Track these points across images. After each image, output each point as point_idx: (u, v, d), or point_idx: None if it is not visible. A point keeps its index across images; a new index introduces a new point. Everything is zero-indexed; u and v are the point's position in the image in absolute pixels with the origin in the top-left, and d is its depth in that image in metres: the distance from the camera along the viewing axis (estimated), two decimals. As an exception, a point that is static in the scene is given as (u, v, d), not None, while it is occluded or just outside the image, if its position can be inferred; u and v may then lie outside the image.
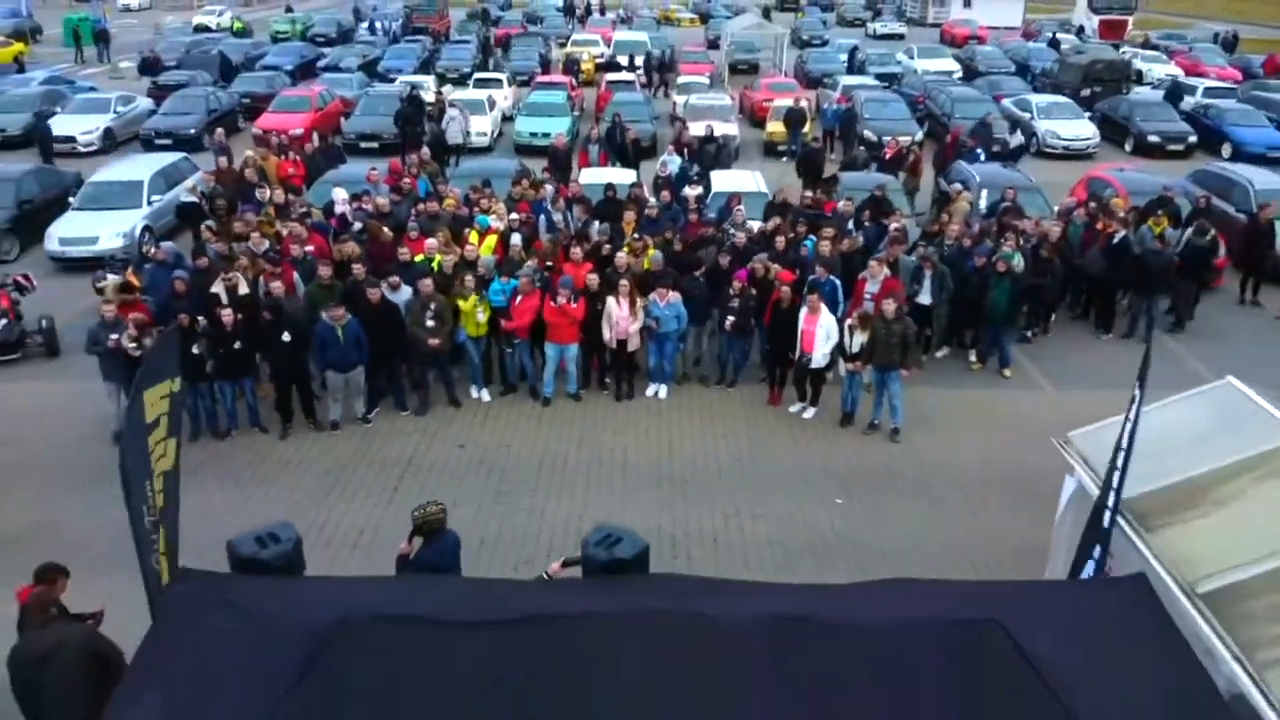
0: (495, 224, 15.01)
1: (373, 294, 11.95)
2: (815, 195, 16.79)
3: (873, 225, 15.71)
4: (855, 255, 13.89)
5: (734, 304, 12.59)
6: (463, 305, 12.44)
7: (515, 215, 15.06)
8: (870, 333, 11.67)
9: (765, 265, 12.87)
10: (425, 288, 11.96)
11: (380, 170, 18.18)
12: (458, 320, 12.49)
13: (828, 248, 13.51)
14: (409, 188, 17.01)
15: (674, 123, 27.55)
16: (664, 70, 36.95)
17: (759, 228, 14.67)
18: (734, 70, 40.73)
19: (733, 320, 12.68)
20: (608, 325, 12.57)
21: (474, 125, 26.18)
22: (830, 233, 13.82)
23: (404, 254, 13.34)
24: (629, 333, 12.61)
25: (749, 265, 12.92)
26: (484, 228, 14.91)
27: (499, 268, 13.08)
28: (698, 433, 12.50)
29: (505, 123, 29.48)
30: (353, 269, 12.60)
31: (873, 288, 12.70)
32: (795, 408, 12.91)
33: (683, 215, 15.90)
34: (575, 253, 13.45)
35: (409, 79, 32.38)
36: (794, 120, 25.69)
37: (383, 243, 13.94)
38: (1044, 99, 29.42)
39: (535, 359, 13.20)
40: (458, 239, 14.39)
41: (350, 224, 15.01)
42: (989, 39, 52.96)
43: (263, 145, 21.22)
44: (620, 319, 12.46)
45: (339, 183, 17.63)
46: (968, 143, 22.09)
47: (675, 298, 12.61)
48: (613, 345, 12.84)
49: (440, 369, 12.76)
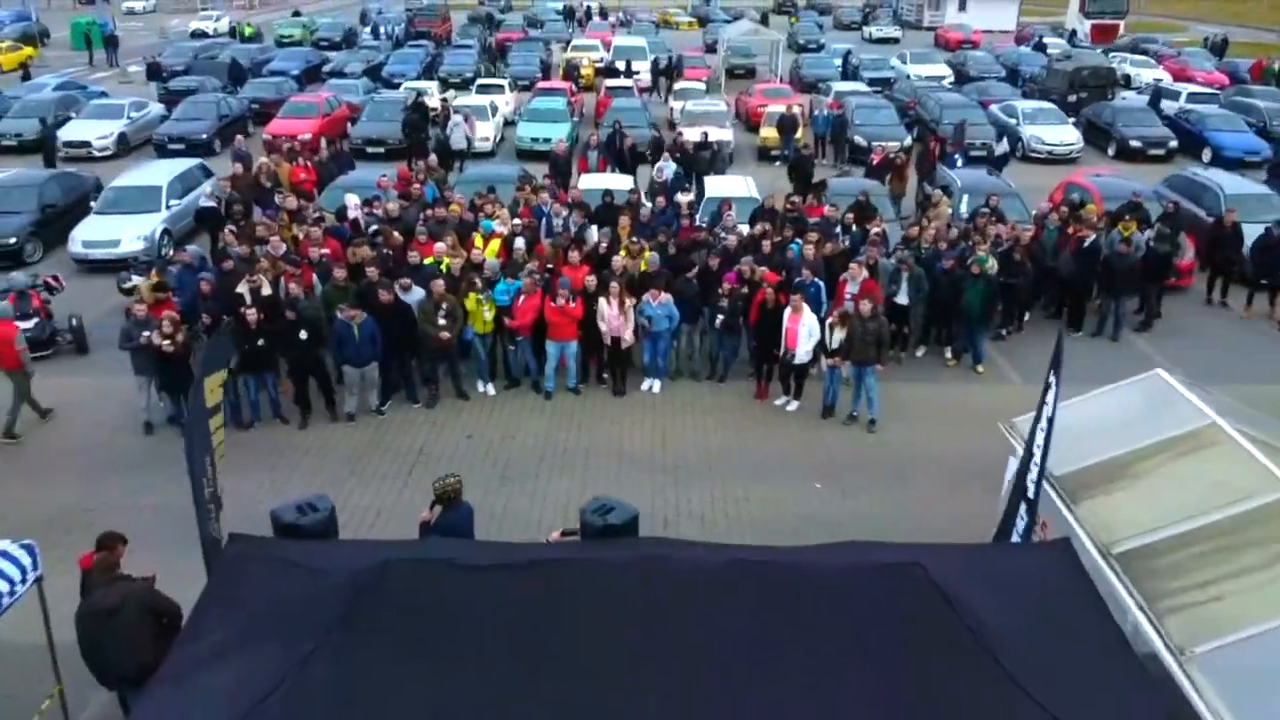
0: (499, 228, 15.87)
1: (385, 295, 12.83)
2: (799, 201, 17.61)
3: (859, 230, 16.59)
4: (839, 258, 14.76)
5: (723, 304, 13.47)
6: (469, 305, 13.34)
7: (518, 220, 15.95)
8: (848, 330, 12.55)
9: (751, 267, 13.75)
10: (438, 289, 12.86)
11: (390, 176, 19.04)
12: (465, 319, 13.39)
13: (812, 251, 14.40)
14: (417, 193, 17.88)
15: (671, 128, 28.50)
16: (669, 75, 37.79)
17: (747, 232, 15.52)
18: (731, 75, 41.57)
19: (722, 319, 13.57)
20: (602, 324, 13.45)
21: (477, 131, 26.98)
22: (814, 237, 14.71)
23: (413, 257, 14.25)
24: (621, 331, 13.49)
25: (736, 267, 13.79)
26: (488, 232, 15.79)
27: (504, 270, 13.96)
28: (689, 424, 13.40)
29: (507, 127, 30.37)
30: (366, 271, 13.49)
31: (853, 288, 13.55)
32: (780, 401, 13.80)
33: (676, 220, 16.77)
34: (573, 256, 14.34)
35: (413, 85, 33.24)
36: (786, 126, 26.53)
37: (394, 246, 14.83)
38: (1030, 105, 30.26)
39: (537, 355, 14.04)
40: (464, 242, 15.27)
41: (363, 228, 15.87)
42: (982, 43, 53.76)
43: (274, 151, 22.09)
44: (611, 318, 13.33)
45: (350, 188, 18.50)
46: (948, 149, 22.98)
47: (666, 298, 13.49)
48: (608, 343, 13.71)
49: (449, 364, 13.66)
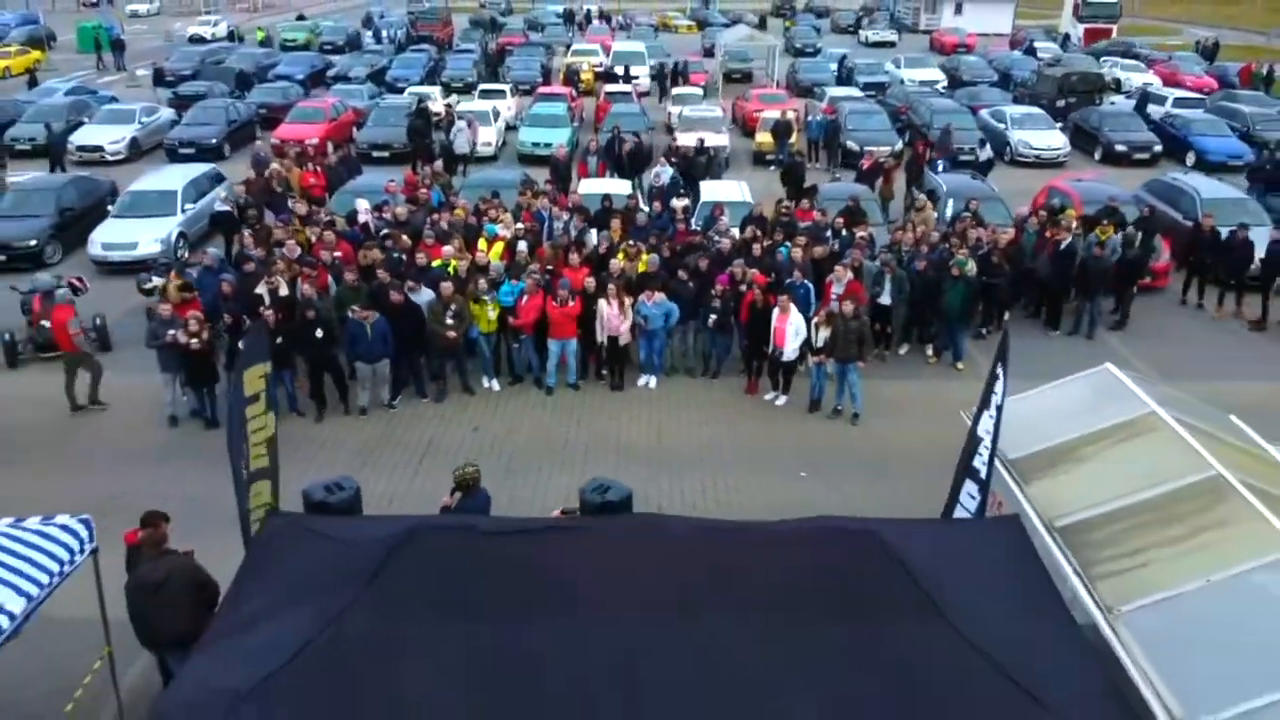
0: (502, 232, 16.64)
1: (396, 296, 13.60)
2: (787, 206, 18.32)
3: (848, 233, 17.34)
4: (826, 261, 15.52)
5: (716, 304, 14.25)
6: (474, 306, 14.11)
7: (520, 224, 16.73)
8: (832, 329, 13.32)
9: (743, 270, 14.52)
10: (446, 290, 13.63)
11: (397, 182, 19.80)
12: (471, 318, 14.16)
13: (800, 254, 15.17)
14: (424, 198, 18.65)
15: (669, 132, 29.28)
16: (675, 80, 38.61)
17: (738, 236, 16.27)
18: (728, 79, 42.38)
19: (714, 319, 14.35)
20: (600, 323, 14.22)
21: (480, 136, 27.74)
22: (802, 240, 15.48)
23: (421, 259, 15.03)
24: (620, 330, 14.26)
25: (729, 270, 14.56)
26: (491, 235, 16.56)
27: (508, 272, 14.73)
28: (683, 417, 14.18)
29: (509, 132, 31.13)
30: (378, 273, 14.26)
31: (839, 289, 14.30)
32: (769, 396, 14.57)
33: (672, 224, 17.54)
34: (573, 258, 15.12)
35: (417, 90, 34.00)
36: (781, 131, 27.31)
37: (404, 249, 15.59)
38: (1018, 110, 31.00)
39: (539, 353, 14.79)
40: (469, 246, 16.04)
41: (373, 232, 16.64)
42: (977, 46, 54.51)
43: (282, 156, 22.83)
44: (611, 317, 14.10)
45: (359, 193, 19.28)
46: (932, 154, 23.76)
47: (661, 298, 14.26)
48: (604, 341, 14.47)
49: (456, 361, 14.44)
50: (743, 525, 6.53)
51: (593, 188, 20.68)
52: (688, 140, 25.63)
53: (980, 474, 7.55)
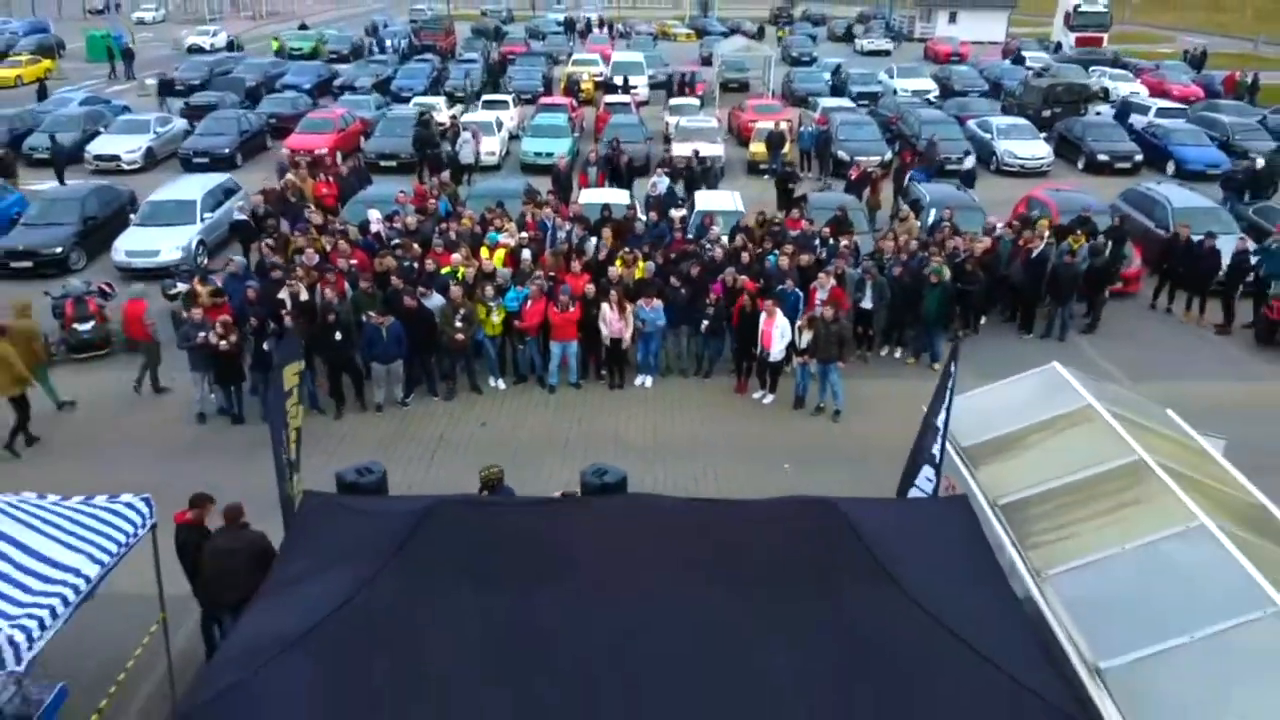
0: (505, 239, 17.65)
1: (409, 301, 14.62)
2: (768, 216, 19.25)
3: (835, 242, 18.32)
4: (813, 268, 16.51)
5: (709, 310, 15.26)
6: (481, 310, 15.12)
7: (524, 233, 17.74)
8: (814, 332, 14.33)
9: (734, 277, 15.52)
10: (456, 295, 14.64)
11: (407, 192, 20.82)
12: (479, 321, 15.16)
13: (787, 262, 16.18)
14: (433, 208, 19.67)
15: (666, 142, 30.29)
16: (681, 90, 39.59)
17: (728, 245, 17.23)
18: (725, 88, 43.44)
19: (707, 323, 15.37)
20: (604, 326, 15.23)
21: (483, 146, 28.69)
22: (789, 249, 16.50)
23: (431, 266, 16.05)
24: (621, 333, 15.26)
25: (721, 278, 15.56)
26: (493, 243, 17.55)
27: (513, 278, 15.73)
28: (677, 414, 15.19)
29: (511, 141, 32.15)
30: (391, 280, 15.27)
31: (823, 295, 15.32)
32: (758, 394, 15.58)
33: (669, 233, 18.54)
34: (574, 265, 16.13)
35: (422, 100, 35.02)
36: (774, 142, 28.30)
37: (415, 257, 16.59)
38: (1004, 121, 32.01)
39: (543, 354, 15.76)
40: (475, 253, 17.03)
41: (386, 241, 17.64)
42: (970, 55, 55.56)
43: (296, 167, 23.85)
44: (613, 321, 15.11)
45: (370, 203, 20.30)
46: (912, 164, 24.88)
47: (658, 303, 15.27)
48: (607, 343, 15.48)
49: (464, 362, 15.45)
50: (722, 502, 7.55)
51: (593, 197, 21.66)
52: (683, 150, 26.62)
53: (935, 459, 8.55)
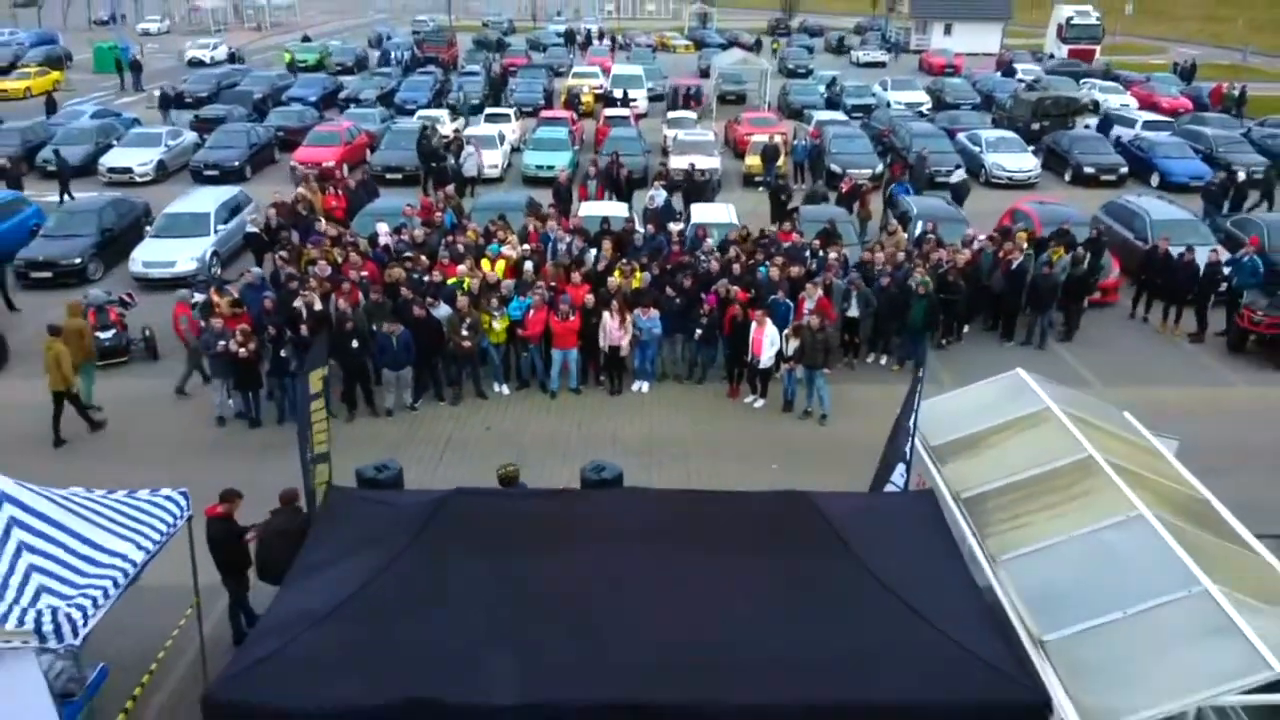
0: (506, 251, 18.44)
1: (418, 311, 15.42)
2: (748, 232, 20.01)
3: (825, 254, 19.09)
4: (802, 279, 17.30)
5: (703, 319, 16.07)
6: (486, 319, 15.93)
7: (526, 245, 18.56)
8: (801, 340, 15.13)
9: (726, 288, 16.33)
10: (463, 305, 15.45)
11: (414, 205, 21.64)
12: (484, 330, 15.97)
13: (776, 273, 16.99)
14: (439, 221, 20.49)
15: (665, 154, 31.12)
16: (686, 103, 40.39)
17: (722, 257, 18.00)
18: (723, 100, 44.32)
19: (701, 332, 16.18)
20: (604, 334, 16.03)
21: (486, 159, 29.54)
22: (779, 261, 17.31)
23: (437, 277, 16.86)
24: (620, 340, 16.07)
25: (714, 289, 16.36)
26: (494, 255, 18.35)
27: (516, 289, 16.54)
28: (672, 418, 15.99)
29: (513, 154, 32.97)
30: (401, 290, 16.08)
31: (810, 305, 16.11)
32: (749, 399, 16.39)
33: (666, 245, 19.34)
34: (575, 276, 16.94)
35: (426, 114, 35.86)
36: (769, 155, 29.14)
37: (422, 268, 17.40)
38: (992, 134, 32.81)
39: (544, 361, 16.54)
40: (480, 264, 17.84)
41: (395, 252, 18.44)
42: (964, 67, 56.43)
43: (305, 180, 24.67)
44: (613, 330, 15.92)
45: (379, 215, 21.12)
46: (897, 178, 25.79)
47: (654, 312, 16.08)
48: (606, 350, 16.28)
49: (470, 368, 16.25)
50: (706, 492, 8.38)
51: (592, 210, 22.48)
52: (681, 163, 27.44)
53: (906, 457, 9.36)
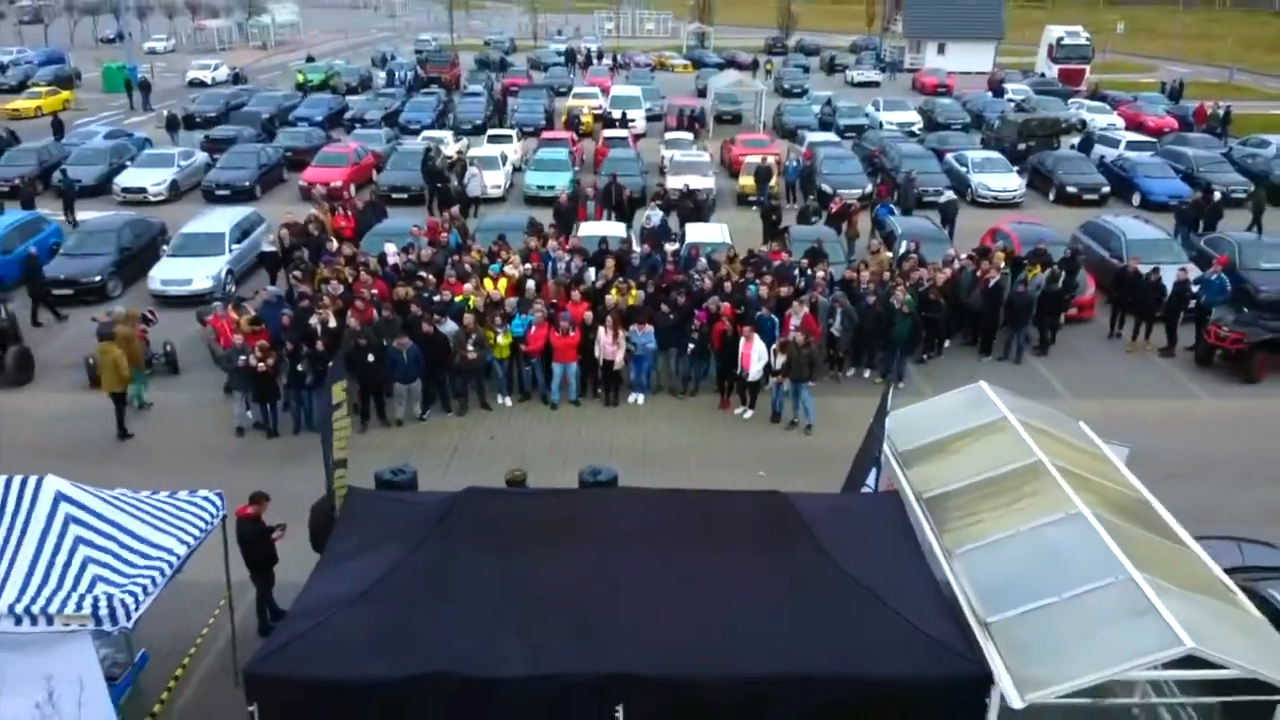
0: (508, 270, 19.42)
1: (427, 328, 16.38)
2: (755, 249, 21.05)
3: (813, 272, 20.07)
4: (790, 297, 18.24)
5: (694, 335, 17.04)
6: (490, 335, 16.89)
7: (528, 265, 19.54)
8: (787, 355, 16.10)
9: (716, 304, 17.29)
10: (469, 322, 16.42)
11: (420, 226, 22.65)
12: (489, 345, 16.93)
13: (765, 291, 17.96)
14: (444, 241, 21.48)
15: (661, 174, 32.14)
16: (691, 125, 41.54)
17: (712, 275, 18.97)
18: (719, 120, 45.46)
19: (692, 346, 17.15)
20: (599, 349, 16.99)
21: (488, 180, 30.54)
22: (768, 279, 18.29)
23: (445, 295, 17.83)
24: (614, 355, 17.02)
25: (705, 306, 17.33)
26: (496, 273, 19.32)
27: (519, 307, 17.50)
28: (666, 428, 16.94)
29: (515, 173, 33.99)
30: (410, 308, 17.05)
31: (796, 321, 17.07)
32: (739, 410, 17.34)
33: (661, 264, 20.32)
34: (574, 294, 17.91)
35: (431, 135, 36.92)
36: (762, 176, 30.17)
37: (429, 287, 18.37)
38: (979, 155, 33.85)
39: (545, 374, 17.49)
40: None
41: (404, 271, 19.40)
42: (956, 86, 57.58)
43: (320, 200, 25.68)
44: (607, 345, 16.88)
45: (387, 236, 22.12)
46: (882, 199, 26.86)
47: (649, 328, 17.04)
48: (601, 364, 17.23)
49: (475, 381, 17.20)
50: (692, 491, 9.37)
51: (591, 230, 23.45)
52: (677, 184, 28.43)
53: (878, 461, 10.33)
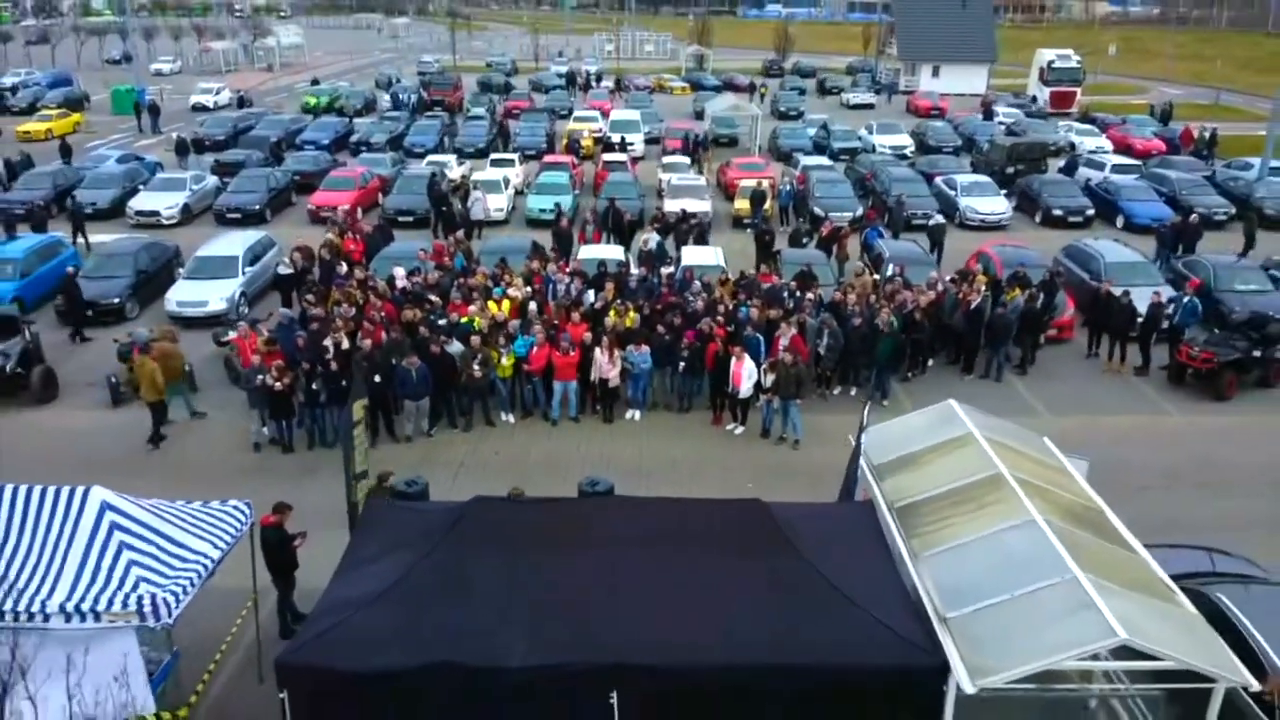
0: (512, 293, 20.33)
1: (435, 348, 17.30)
2: (746, 272, 21.96)
3: (802, 295, 20.98)
4: (780, 318, 19.16)
5: (684, 354, 17.96)
6: (494, 355, 17.81)
7: (529, 288, 20.47)
8: (776, 374, 17.01)
9: (710, 326, 18.21)
10: (475, 343, 17.35)
11: (427, 249, 23.60)
12: (493, 364, 17.85)
13: (756, 313, 18.89)
14: (450, 264, 22.42)
15: (659, 197, 33.11)
16: (699, 148, 42.58)
17: (705, 297, 19.88)
18: (717, 143, 46.46)
19: (684, 365, 18.06)
20: (595, 368, 17.90)
21: (491, 203, 31.49)
22: (758, 302, 19.22)
23: (452, 317, 18.76)
24: (609, 373, 17.92)
25: (697, 327, 18.26)
26: (499, 296, 20.24)
27: (522, 328, 18.42)
28: (660, 443, 17.83)
29: (517, 196, 34.94)
30: (419, 329, 17.97)
31: (785, 342, 17.98)
32: (730, 426, 18.24)
33: (658, 287, 21.24)
34: (574, 315, 18.83)
35: (435, 159, 37.94)
36: (756, 199, 31.14)
37: (436, 309, 19.30)
38: (967, 179, 34.77)
39: (546, 392, 18.37)
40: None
41: (413, 294, 20.33)
42: (950, 108, 58.70)
43: (317, 221, 26.63)
44: (605, 364, 17.79)
45: (396, 259, 23.06)
46: (870, 222, 27.87)
47: (645, 348, 17.96)
48: (598, 382, 18.12)
49: (480, 398, 18.09)
50: (681, 499, 10.29)
51: (591, 253, 24.37)
52: (674, 207, 29.40)
53: (857, 473, 11.28)
